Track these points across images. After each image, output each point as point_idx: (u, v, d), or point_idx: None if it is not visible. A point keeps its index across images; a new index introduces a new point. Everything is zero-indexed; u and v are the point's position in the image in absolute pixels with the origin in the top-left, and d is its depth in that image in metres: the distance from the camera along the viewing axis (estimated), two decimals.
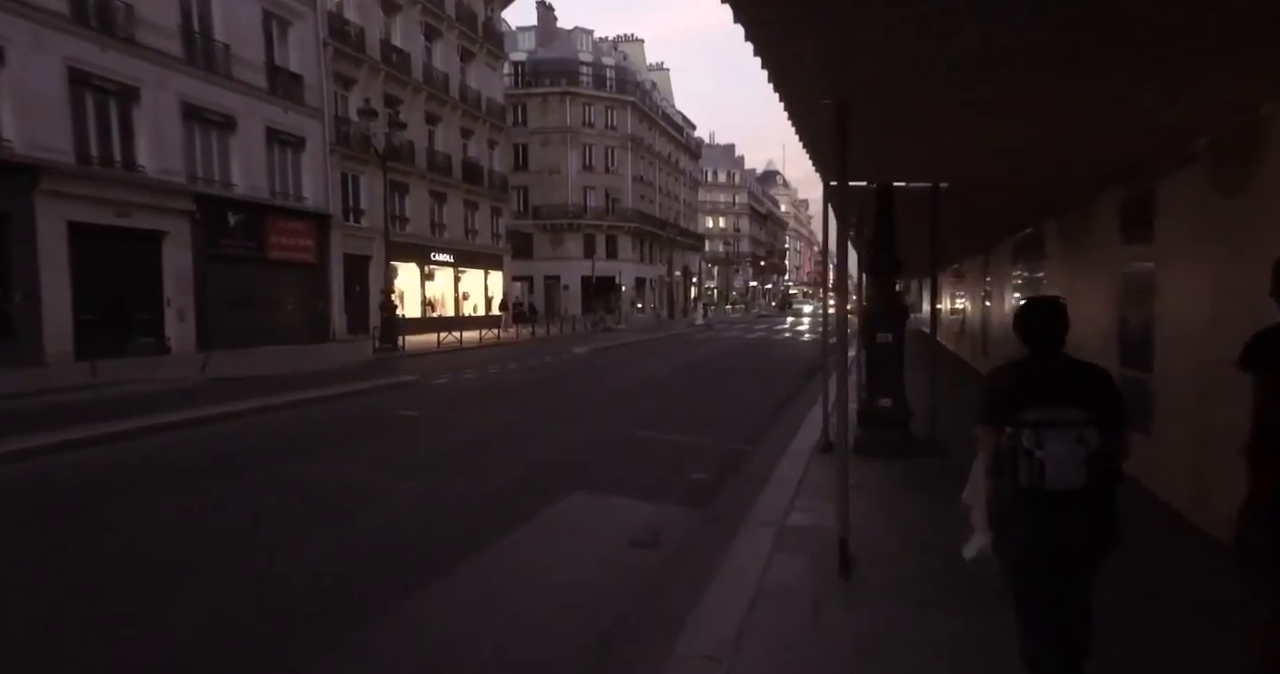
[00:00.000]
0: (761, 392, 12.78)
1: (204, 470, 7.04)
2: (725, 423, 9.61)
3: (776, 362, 19.05)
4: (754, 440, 8.52)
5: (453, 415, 9.95)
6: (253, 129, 20.65)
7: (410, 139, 28.88)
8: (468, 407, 10.83)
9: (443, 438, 8.54)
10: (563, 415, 10.00)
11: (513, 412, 10.34)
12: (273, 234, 21.48)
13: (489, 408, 10.66)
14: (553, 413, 10.20)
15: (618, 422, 9.48)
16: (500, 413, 10.24)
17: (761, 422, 9.78)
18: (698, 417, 10.10)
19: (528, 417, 9.81)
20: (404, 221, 29.26)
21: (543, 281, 52.74)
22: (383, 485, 6.37)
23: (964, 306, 19.65)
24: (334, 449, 7.98)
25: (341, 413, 10.23)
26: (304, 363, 16.95)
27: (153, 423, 8.69)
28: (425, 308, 30.91)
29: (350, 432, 8.99)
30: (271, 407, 10.13)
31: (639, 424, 9.33)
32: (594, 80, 53.72)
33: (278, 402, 10.42)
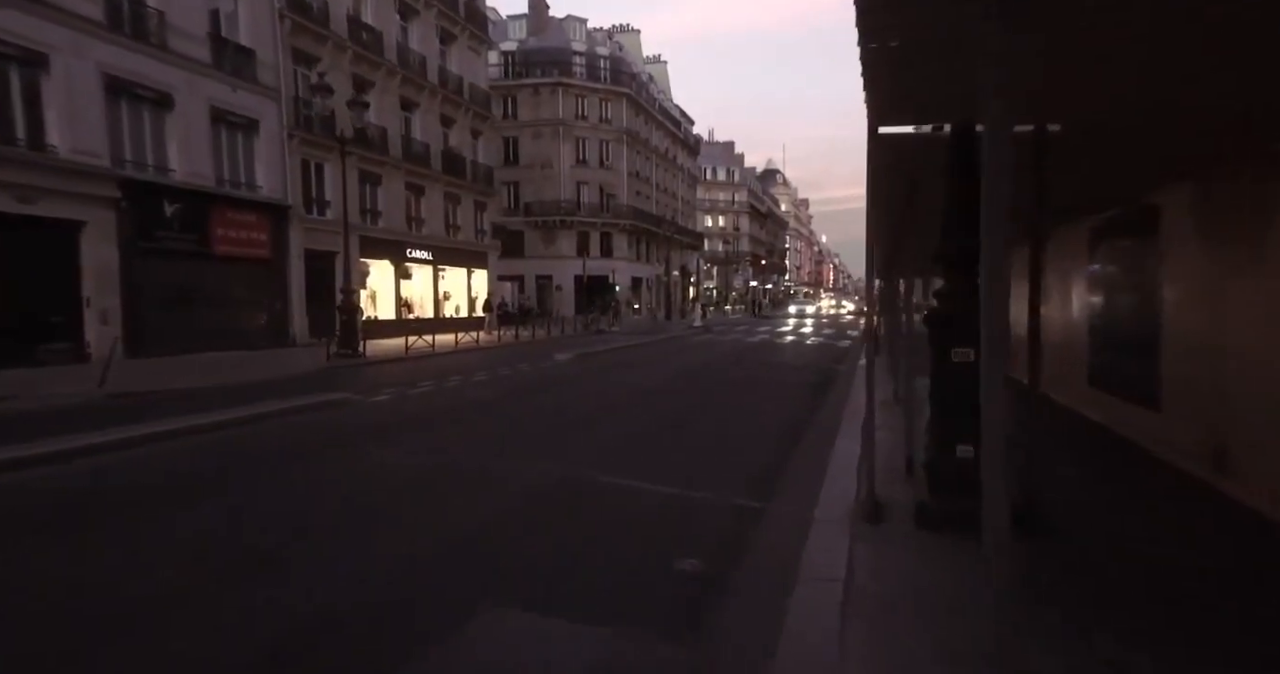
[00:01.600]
0: (769, 410, 10.51)
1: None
2: (725, 459, 7.34)
3: (783, 370, 16.78)
4: (765, 490, 6.25)
5: (368, 451, 7.66)
6: (193, 108, 18.37)
7: (383, 125, 26.64)
8: (395, 436, 8.54)
9: (330, 492, 6.23)
10: (512, 449, 7.72)
11: (449, 444, 8.06)
12: (219, 226, 19.20)
13: (420, 439, 8.37)
14: (500, 445, 7.92)
15: (583, 458, 7.20)
16: (432, 446, 7.96)
17: (772, 457, 7.50)
18: (689, 449, 7.83)
19: (464, 453, 7.52)
20: (376, 215, 27.00)
21: (534, 281, 50.53)
22: (169, 595, 4.09)
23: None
24: (167, 510, 5.69)
25: (227, 447, 7.94)
26: (240, 373, 14.69)
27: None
28: (401, 309, 28.64)
29: (211, 480, 6.68)
30: (141, 438, 7.85)
31: (611, 462, 7.05)
32: (587, 71, 51.49)
33: (156, 429, 8.15)
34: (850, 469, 6.80)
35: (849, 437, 8.46)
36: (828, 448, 7.72)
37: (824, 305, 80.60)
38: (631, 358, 19.74)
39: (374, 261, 27.20)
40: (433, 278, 30.65)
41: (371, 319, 26.64)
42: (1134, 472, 6.63)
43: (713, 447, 7.99)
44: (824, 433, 8.71)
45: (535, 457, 7.29)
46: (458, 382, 13.76)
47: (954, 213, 4.94)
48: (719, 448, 7.94)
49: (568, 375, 15.17)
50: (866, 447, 5.41)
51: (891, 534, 4.83)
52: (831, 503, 5.65)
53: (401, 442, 8.09)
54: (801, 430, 9.07)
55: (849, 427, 9.10)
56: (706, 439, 8.36)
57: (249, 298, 20.57)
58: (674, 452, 7.69)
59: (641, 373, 15.60)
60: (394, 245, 27.64)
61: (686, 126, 71.55)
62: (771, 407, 10.90)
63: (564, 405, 10.80)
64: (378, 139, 26.35)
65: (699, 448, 7.92)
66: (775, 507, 5.77)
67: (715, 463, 7.21)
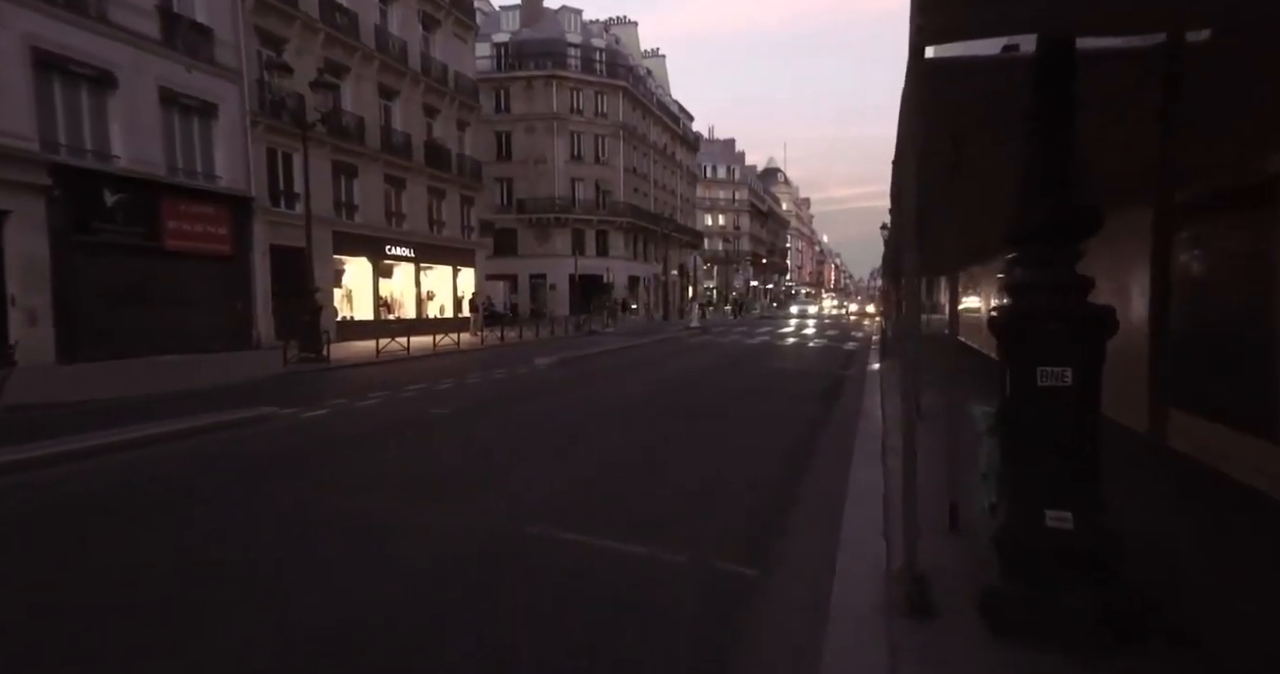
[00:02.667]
0: (767, 429, 8.92)
1: None
2: (708, 504, 5.75)
3: (785, 376, 15.18)
4: (759, 551, 4.66)
5: (251, 494, 6.08)
6: (140, 88, 16.78)
7: (360, 114, 25.06)
8: (303, 468, 6.96)
9: (147, 577, 4.65)
10: (445, 489, 6.14)
11: (368, 481, 6.47)
12: (171, 219, 17.62)
13: (332, 472, 6.77)
14: (431, 483, 6.32)
15: (524, 502, 5.62)
16: (343, 484, 6.37)
17: (770, 499, 5.91)
18: (664, 486, 6.23)
19: (379, 495, 5.91)
20: (352, 209, 25.42)
21: (528, 280, 48.97)
22: None
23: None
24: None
25: (69, 488, 6.36)
26: (178, 380, 13.15)
27: None
28: (380, 309, 27.07)
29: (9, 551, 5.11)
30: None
31: (560, 508, 5.47)
32: (582, 63, 49.93)
33: (20, 457, 6.58)
34: (873, 515, 5.24)
35: (867, 464, 6.89)
36: (841, 481, 6.15)
37: (826, 305, 79.01)
38: (620, 362, 18.15)
39: (350, 259, 25.66)
40: (415, 276, 29.07)
41: (347, 320, 25.14)
42: (1263, 525, 5.03)
43: (696, 481, 6.40)
44: (836, 458, 7.14)
45: (470, 500, 5.71)
46: (416, 391, 12.18)
47: (1045, 164, 3.35)
48: (706, 483, 6.35)
49: (544, 384, 13.59)
50: (907, 500, 3.82)
51: (950, 642, 3.25)
52: (854, 578, 4.06)
53: (305, 477, 6.51)
54: (808, 455, 7.49)
55: (865, 449, 7.53)
56: (691, 471, 6.76)
57: (207, 297, 18.98)
58: (646, 493, 6.10)
59: (628, 381, 14.01)
60: (372, 241, 26.06)
61: (685, 122, 69.98)
62: (772, 424, 9.31)
63: (528, 423, 9.21)
64: (354, 128, 24.78)
65: (681, 485, 6.34)
66: (774, 582, 4.18)
67: (698, 507, 5.62)
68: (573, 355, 19.10)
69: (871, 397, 11.49)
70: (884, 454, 7.21)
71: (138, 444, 7.42)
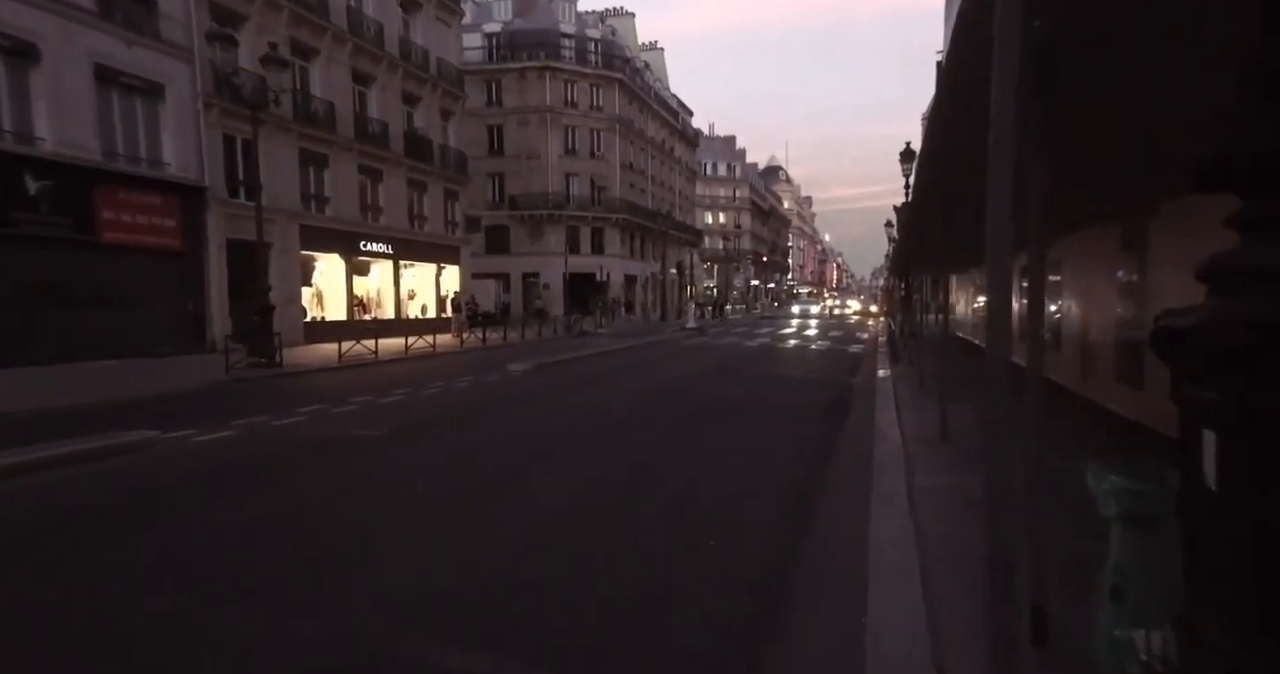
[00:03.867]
0: (761, 460, 7.23)
1: None
2: (681, 587, 4.05)
3: (785, 385, 13.48)
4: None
5: (37, 576, 4.40)
6: (69, 64, 15.12)
7: (330, 99, 23.39)
8: (148, 524, 5.27)
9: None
10: (317, 564, 4.45)
11: (209, 549, 4.78)
12: (108, 209, 15.98)
13: (173, 536, 5.03)
14: (300, 555, 4.63)
15: (408, 596, 3.94)
16: (175, 559, 4.68)
17: (762, 576, 4.22)
18: (627, 555, 4.53)
19: (186, 596, 4.23)
20: (323, 202, 23.76)
21: (520, 279, 47.30)
22: None
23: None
24: None
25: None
26: (96, 390, 11.53)
27: None
28: (354, 309, 25.40)
29: None
30: None
31: (458, 608, 3.78)
32: (577, 55, 48.26)
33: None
34: (908, 600, 3.55)
35: (889, 511, 5.22)
36: (859, 542, 4.47)
37: (828, 305, 77.29)
38: (604, 368, 16.46)
39: (321, 255, 23.99)
40: (394, 274, 27.39)
41: (317, 321, 23.49)
42: None
43: (663, 553, 4.70)
44: (849, 502, 5.46)
45: (345, 586, 4.02)
46: (358, 405, 10.50)
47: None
48: (677, 546, 4.66)
49: (511, 395, 11.90)
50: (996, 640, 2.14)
51: None
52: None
53: (125, 546, 4.80)
54: (813, 495, 5.80)
55: (886, 488, 5.86)
56: (658, 533, 5.05)
57: (153, 295, 17.34)
58: (601, 564, 4.41)
59: (607, 391, 12.32)
60: (345, 236, 24.39)
61: (685, 117, 68.30)
62: (767, 452, 7.61)
63: (461, 454, 7.49)
64: (324, 114, 23.12)
65: (650, 543, 4.65)
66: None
67: (670, 595, 3.92)
68: (552, 360, 17.42)
69: (885, 411, 9.81)
70: (911, 498, 5.53)
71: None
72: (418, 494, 5.81)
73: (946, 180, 6.72)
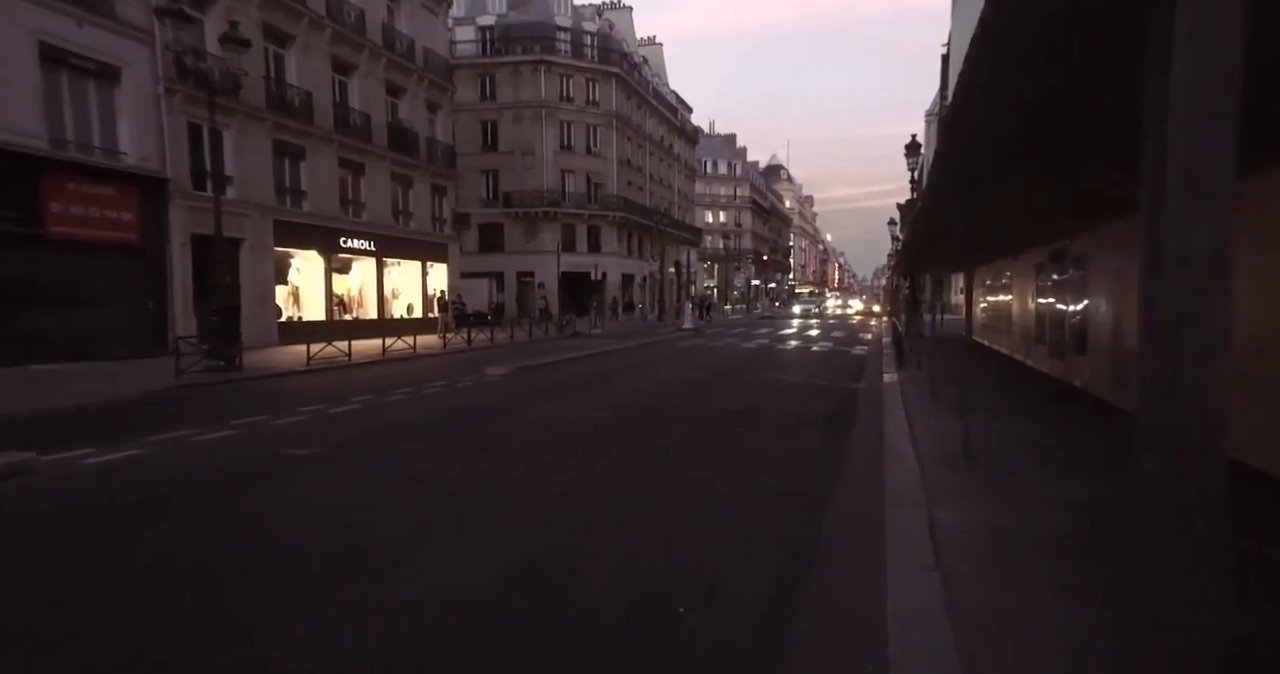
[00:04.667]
0: (750, 490, 6.10)
1: None
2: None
3: (783, 393, 12.34)
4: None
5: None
6: (9, 42, 14.00)
7: (307, 88, 22.27)
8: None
9: None
10: (170, 650, 3.33)
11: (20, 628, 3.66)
12: (56, 201, 14.87)
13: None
14: (141, 645, 3.51)
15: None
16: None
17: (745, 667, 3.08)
18: (580, 628, 3.41)
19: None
20: (299, 196, 22.62)
21: (515, 278, 46.15)
22: None
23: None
24: None
25: None
26: (20, 398, 10.40)
27: None
28: (334, 308, 24.27)
29: None
30: None
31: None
32: (573, 48, 47.13)
33: None
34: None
35: (910, 568, 4.07)
36: (873, 616, 3.34)
37: (830, 305, 76.11)
38: (588, 372, 15.33)
39: (298, 252, 22.87)
40: (377, 272, 26.27)
41: (293, 320, 22.37)
42: None
43: (629, 619, 3.56)
44: (859, 546, 4.34)
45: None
46: (307, 415, 9.37)
47: None
48: (643, 623, 3.52)
49: (474, 405, 10.77)
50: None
51: None
52: None
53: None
54: (811, 543, 4.66)
55: (905, 532, 4.73)
56: (603, 610, 3.91)
57: (109, 294, 16.23)
58: (535, 652, 3.27)
59: (583, 401, 11.18)
60: (324, 232, 23.26)
61: (684, 114, 67.14)
62: (758, 479, 6.47)
63: (402, 482, 6.33)
64: (300, 104, 22.00)
65: (608, 609, 3.52)
66: None
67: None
68: (534, 364, 16.29)
69: (895, 422, 8.68)
70: (936, 547, 4.39)
71: None
72: (321, 550, 4.67)
73: (968, 173, 5.61)
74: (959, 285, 37.52)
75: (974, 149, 5.33)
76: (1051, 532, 4.60)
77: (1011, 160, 5.80)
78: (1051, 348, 14.06)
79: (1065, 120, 4.48)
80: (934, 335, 15.54)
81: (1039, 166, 5.83)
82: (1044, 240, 13.50)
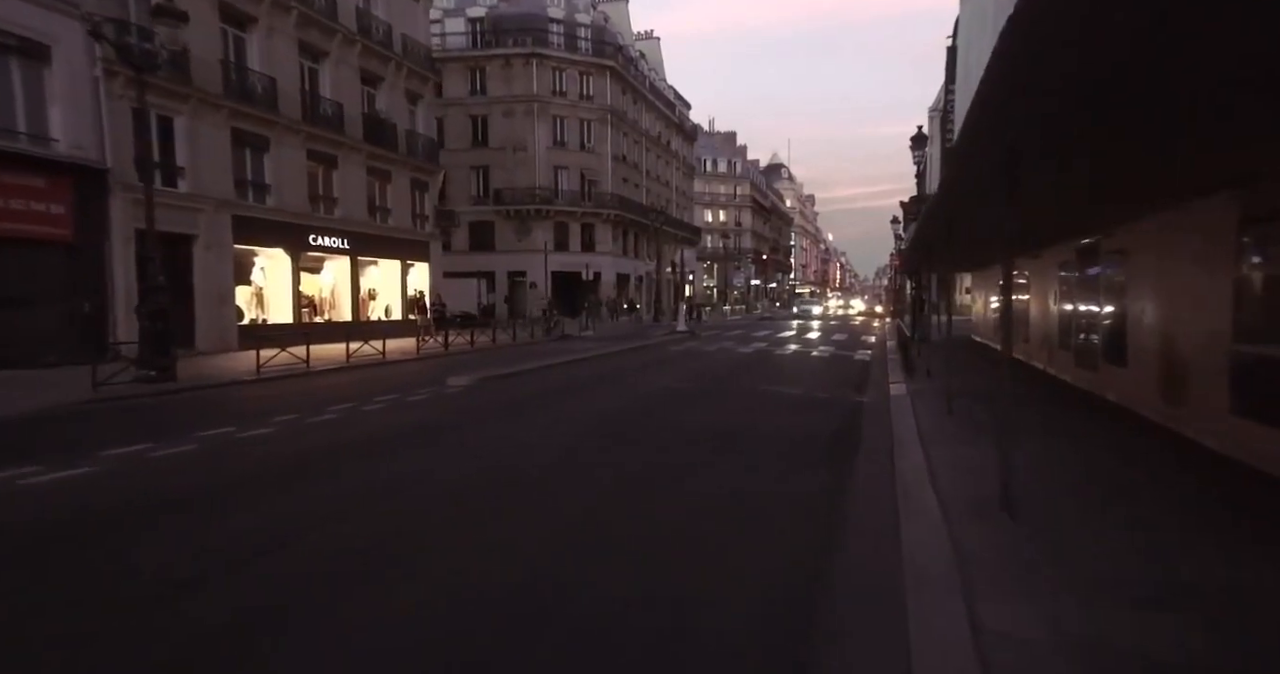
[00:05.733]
0: (727, 555, 4.59)
1: None
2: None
3: (776, 407, 10.83)
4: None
5: None
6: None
7: (271, 74, 20.79)
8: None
9: None
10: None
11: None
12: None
13: None
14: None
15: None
16: None
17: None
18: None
19: None
20: (263, 190, 21.13)
21: (506, 277, 44.68)
22: None
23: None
24: None
25: None
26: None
27: None
28: (303, 310, 22.78)
29: None
30: None
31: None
32: (566, 41, 45.66)
33: None
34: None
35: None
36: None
37: (831, 305, 74.52)
38: (563, 382, 13.82)
39: (263, 250, 21.39)
40: (351, 272, 24.78)
41: (256, 323, 20.89)
42: None
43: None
44: (867, 629, 2.82)
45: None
46: (201, 443, 7.86)
47: None
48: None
49: (420, 425, 9.26)
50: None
51: None
52: None
53: None
54: (808, 640, 3.14)
55: (935, 638, 3.23)
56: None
57: (35, 295, 14.76)
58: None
59: (544, 419, 9.67)
60: (291, 229, 21.77)
61: (682, 110, 65.62)
62: (738, 536, 4.95)
63: (287, 534, 4.87)
64: (263, 91, 20.51)
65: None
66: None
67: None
68: (506, 372, 14.79)
69: (907, 450, 7.19)
70: (979, 649, 2.89)
71: None
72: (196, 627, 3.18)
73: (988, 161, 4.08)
74: (964, 285, 35.99)
75: (1052, 94, 3.80)
76: (1175, 655, 3.05)
77: (1085, 121, 4.30)
78: (1079, 355, 12.53)
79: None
80: (942, 339, 14.07)
81: (1133, 125, 4.34)
82: (1071, 234, 11.99)
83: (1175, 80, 3.61)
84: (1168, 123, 4.49)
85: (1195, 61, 3.27)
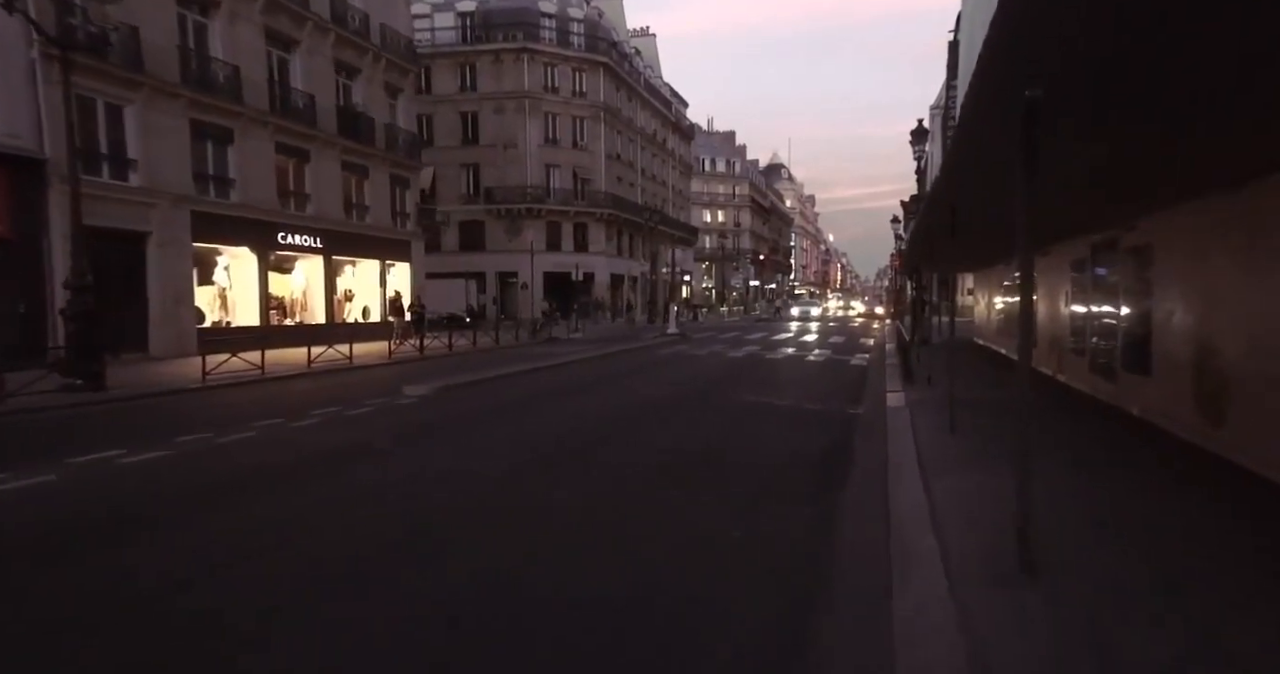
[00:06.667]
0: (687, 631, 3.43)
1: None
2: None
3: (761, 421, 9.67)
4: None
5: None
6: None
7: (234, 62, 19.67)
8: None
9: None
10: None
11: None
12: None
13: None
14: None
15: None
16: None
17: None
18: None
19: None
20: (226, 184, 20.00)
21: (496, 278, 43.56)
22: None
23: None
24: None
25: None
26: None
27: None
28: (271, 312, 21.64)
29: None
30: None
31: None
32: (558, 36, 44.56)
33: None
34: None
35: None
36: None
37: (831, 306, 73.23)
38: (532, 391, 12.67)
39: (226, 248, 20.25)
40: (325, 272, 23.64)
41: (219, 325, 19.76)
42: None
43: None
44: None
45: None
46: (81, 467, 6.73)
47: None
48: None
49: (351, 447, 8.11)
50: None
51: None
52: None
53: None
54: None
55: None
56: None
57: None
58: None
59: (499, 438, 8.53)
60: (257, 227, 20.64)
61: (679, 108, 64.49)
62: (688, 610, 3.80)
63: (167, 586, 3.76)
64: (226, 80, 19.38)
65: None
66: None
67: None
68: (469, 380, 13.63)
69: (905, 479, 6.04)
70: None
71: None
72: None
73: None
74: (966, 285, 34.84)
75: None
76: None
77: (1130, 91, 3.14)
78: (1094, 363, 11.36)
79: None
80: (942, 341, 12.93)
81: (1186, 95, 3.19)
82: (1085, 229, 10.83)
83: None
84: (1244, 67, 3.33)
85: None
